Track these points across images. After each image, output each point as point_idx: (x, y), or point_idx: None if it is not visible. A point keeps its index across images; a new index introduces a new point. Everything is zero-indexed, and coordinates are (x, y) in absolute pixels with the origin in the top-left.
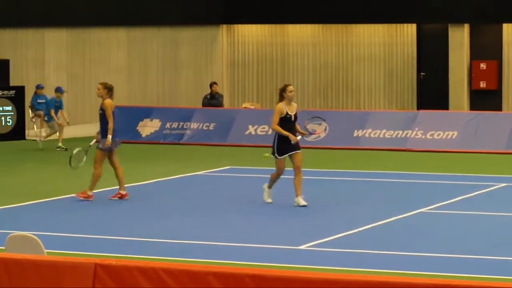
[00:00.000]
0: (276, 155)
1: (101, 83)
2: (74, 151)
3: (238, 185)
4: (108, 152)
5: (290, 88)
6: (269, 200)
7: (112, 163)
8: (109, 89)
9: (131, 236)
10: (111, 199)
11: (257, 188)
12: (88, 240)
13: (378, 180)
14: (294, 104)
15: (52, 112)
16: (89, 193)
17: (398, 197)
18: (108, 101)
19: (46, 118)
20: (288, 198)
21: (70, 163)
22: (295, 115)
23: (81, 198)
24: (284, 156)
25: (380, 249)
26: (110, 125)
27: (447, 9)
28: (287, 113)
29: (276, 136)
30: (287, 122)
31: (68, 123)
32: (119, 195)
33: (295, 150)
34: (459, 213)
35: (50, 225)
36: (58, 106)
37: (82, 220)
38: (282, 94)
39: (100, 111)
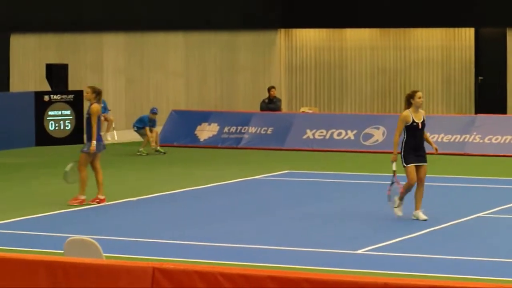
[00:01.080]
0: (404, 163)
1: (90, 87)
2: (67, 168)
3: (296, 190)
4: (93, 156)
5: (419, 94)
6: (400, 214)
7: (94, 167)
8: (97, 93)
9: (189, 240)
10: (89, 203)
11: (315, 193)
12: (146, 244)
13: (436, 184)
14: (422, 111)
15: (147, 130)
16: (82, 197)
17: (456, 201)
18: (95, 106)
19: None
20: (345, 202)
21: (66, 179)
22: (423, 123)
23: (75, 204)
24: (412, 164)
25: (438, 254)
26: (94, 130)
27: (505, 13)
28: (413, 121)
29: (403, 144)
30: (414, 130)
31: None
32: (98, 200)
33: (422, 162)
34: None
35: (108, 229)
36: (152, 124)
37: (139, 224)
38: (409, 101)
39: (87, 115)
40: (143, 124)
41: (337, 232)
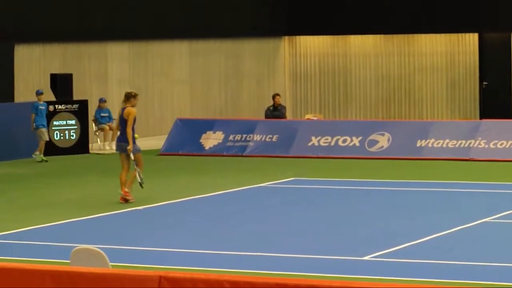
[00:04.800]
0: None
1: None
2: (138, 179)
3: (302, 197)
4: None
5: None
6: None
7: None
8: (126, 98)
9: (195, 248)
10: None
11: (321, 200)
12: (152, 253)
13: (442, 190)
14: None
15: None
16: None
17: (461, 207)
18: (127, 109)
19: None
20: (350, 208)
21: (142, 185)
22: None
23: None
24: None
25: (445, 259)
26: (129, 132)
27: (509, 18)
28: None
29: None
30: None
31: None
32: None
33: None
34: None
35: (115, 238)
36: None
37: (146, 232)
38: None
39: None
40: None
41: (343, 239)
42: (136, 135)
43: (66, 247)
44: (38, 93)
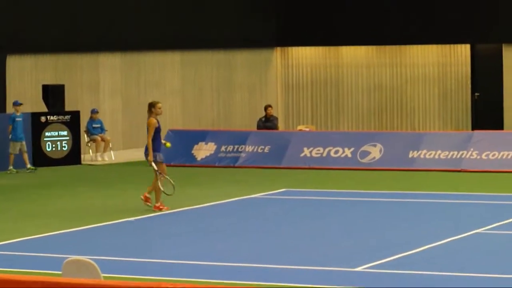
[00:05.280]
0: None
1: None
2: (168, 192)
3: (294, 208)
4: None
5: None
6: None
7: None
8: (149, 107)
9: (188, 259)
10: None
11: (312, 211)
12: (145, 264)
13: (434, 201)
14: None
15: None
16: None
17: (453, 217)
18: (150, 119)
19: None
20: (343, 219)
21: (172, 193)
22: None
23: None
24: None
25: (436, 270)
26: (149, 141)
27: (501, 29)
28: None
29: None
30: None
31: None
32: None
33: None
34: None
35: (107, 249)
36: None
37: (138, 244)
38: None
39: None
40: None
41: (335, 250)
42: (167, 144)
43: (58, 258)
44: (15, 104)
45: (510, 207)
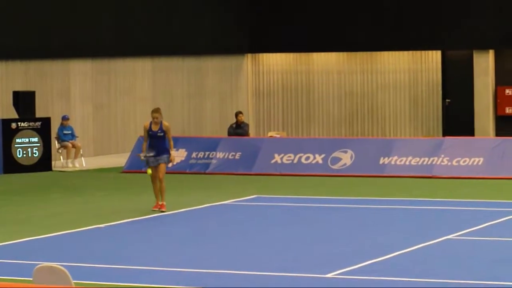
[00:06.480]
0: None
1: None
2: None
3: (265, 214)
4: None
5: None
6: None
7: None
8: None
9: (157, 266)
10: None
11: (283, 217)
12: (115, 270)
13: (404, 207)
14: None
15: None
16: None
17: (424, 224)
18: (165, 122)
19: None
20: (313, 226)
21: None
22: None
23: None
24: None
25: (407, 277)
26: (171, 141)
27: (472, 35)
28: None
29: None
30: None
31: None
32: (159, 206)
33: None
34: (486, 239)
35: (77, 256)
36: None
37: (108, 250)
38: None
39: (161, 133)
40: None
41: (306, 256)
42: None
43: (29, 265)
44: None
45: (481, 213)
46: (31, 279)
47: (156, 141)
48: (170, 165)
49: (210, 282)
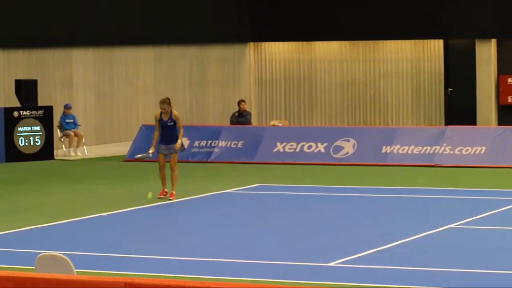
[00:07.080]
0: None
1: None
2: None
3: (267, 203)
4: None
5: None
6: None
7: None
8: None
9: (160, 254)
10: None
11: (286, 206)
12: (118, 259)
13: (407, 196)
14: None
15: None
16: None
17: (426, 213)
18: (175, 111)
19: None
20: (316, 215)
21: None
22: None
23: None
24: None
25: (409, 265)
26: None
27: (474, 25)
28: None
29: None
30: None
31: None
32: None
33: None
34: (488, 228)
35: (80, 244)
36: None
37: (111, 239)
38: None
39: (172, 122)
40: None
41: (308, 245)
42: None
43: (31, 254)
44: None
45: (483, 202)
46: (33, 267)
47: (167, 130)
48: (181, 149)
49: (212, 271)
